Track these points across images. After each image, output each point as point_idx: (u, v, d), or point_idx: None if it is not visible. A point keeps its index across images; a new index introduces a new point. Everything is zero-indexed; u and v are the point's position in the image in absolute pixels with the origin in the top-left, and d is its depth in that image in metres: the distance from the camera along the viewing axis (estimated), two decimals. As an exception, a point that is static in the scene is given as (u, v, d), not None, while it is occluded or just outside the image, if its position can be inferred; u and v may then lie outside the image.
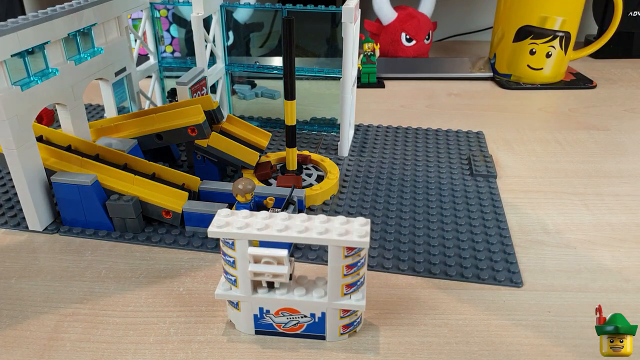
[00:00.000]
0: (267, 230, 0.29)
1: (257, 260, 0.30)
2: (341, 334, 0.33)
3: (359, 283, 0.32)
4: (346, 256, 0.30)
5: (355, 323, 0.33)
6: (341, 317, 0.32)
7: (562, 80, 0.79)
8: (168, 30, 0.73)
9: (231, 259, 0.31)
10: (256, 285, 0.32)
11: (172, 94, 0.64)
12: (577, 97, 0.73)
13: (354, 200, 0.46)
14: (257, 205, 0.41)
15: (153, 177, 0.43)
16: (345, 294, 0.32)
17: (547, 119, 0.66)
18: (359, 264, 0.31)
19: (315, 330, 0.33)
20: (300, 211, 0.42)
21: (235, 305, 0.32)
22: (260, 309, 0.32)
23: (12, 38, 0.36)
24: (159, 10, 0.61)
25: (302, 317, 0.33)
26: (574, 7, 0.73)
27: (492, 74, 0.80)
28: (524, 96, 0.74)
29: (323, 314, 0.32)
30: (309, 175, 0.48)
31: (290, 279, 0.31)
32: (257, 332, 0.33)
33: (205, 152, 0.45)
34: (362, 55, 0.76)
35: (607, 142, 0.58)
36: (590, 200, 0.47)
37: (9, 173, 0.45)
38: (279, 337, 0.32)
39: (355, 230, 0.29)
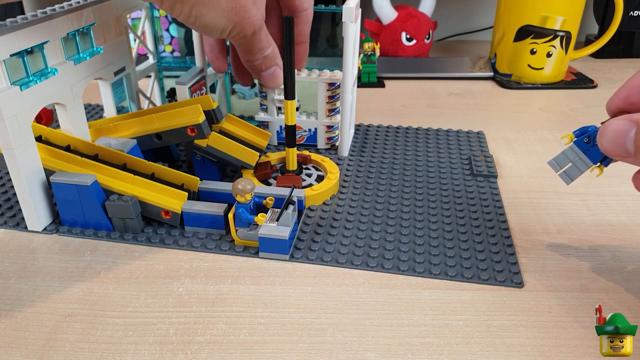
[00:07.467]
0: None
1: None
2: (326, 143, 0.54)
3: (335, 111, 0.53)
4: (327, 90, 0.51)
5: (334, 138, 0.54)
6: (326, 132, 0.54)
7: (562, 80, 0.79)
8: (167, 30, 0.73)
9: (264, 94, 0.52)
10: (277, 111, 0.53)
11: (171, 94, 0.64)
12: (578, 96, 0.73)
13: (354, 200, 0.46)
14: (257, 205, 0.41)
15: (152, 177, 0.42)
16: (327, 116, 0.53)
17: (548, 118, 0.66)
18: (335, 97, 0.52)
19: (310, 140, 0.54)
20: (300, 212, 0.42)
21: (266, 125, 0.55)
22: (280, 127, 0.54)
23: (11, 38, 0.36)
24: (158, 10, 0.61)
25: (304, 132, 0.54)
26: (575, 6, 0.73)
27: (492, 73, 0.80)
28: (525, 96, 0.74)
29: (315, 129, 0.54)
30: (309, 175, 0.48)
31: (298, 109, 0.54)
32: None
33: (205, 152, 0.45)
34: (362, 55, 0.76)
35: (607, 141, 0.58)
36: (591, 200, 0.47)
37: (7, 173, 0.45)
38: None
39: (332, 74, 0.51)
